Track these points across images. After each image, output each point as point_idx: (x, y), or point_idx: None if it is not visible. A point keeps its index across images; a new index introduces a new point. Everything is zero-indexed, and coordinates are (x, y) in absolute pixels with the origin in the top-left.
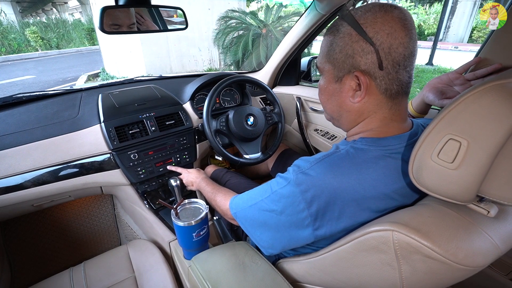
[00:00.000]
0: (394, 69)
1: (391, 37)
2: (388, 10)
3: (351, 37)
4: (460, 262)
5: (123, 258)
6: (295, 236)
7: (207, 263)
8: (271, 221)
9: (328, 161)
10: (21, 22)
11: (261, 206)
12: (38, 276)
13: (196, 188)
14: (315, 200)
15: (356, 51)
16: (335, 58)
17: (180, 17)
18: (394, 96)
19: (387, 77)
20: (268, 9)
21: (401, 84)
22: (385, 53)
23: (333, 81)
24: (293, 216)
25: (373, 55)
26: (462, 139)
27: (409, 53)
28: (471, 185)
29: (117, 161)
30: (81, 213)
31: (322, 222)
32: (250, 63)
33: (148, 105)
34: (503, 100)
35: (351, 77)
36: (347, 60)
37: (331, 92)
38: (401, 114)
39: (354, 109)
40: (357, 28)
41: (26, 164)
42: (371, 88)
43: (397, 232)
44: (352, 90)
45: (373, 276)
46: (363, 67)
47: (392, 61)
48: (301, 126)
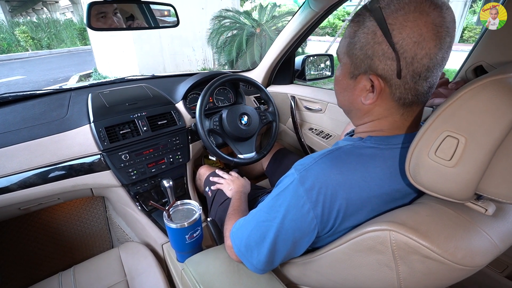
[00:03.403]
0: (413, 80)
1: (418, 47)
2: (424, 11)
3: (375, 37)
4: (459, 262)
5: (114, 261)
6: (299, 242)
7: (200, 266)
8: (271, 231)
9: (333, 156)
10: (10, 21)
11: (258, 218)
12: (26, 281)
13: (230, 196)
14: (321, 199)
15: (376, 53)
16: (354, 54)
17: (171, 15)
18: (408, 105)
19: (404, 86)
20: (262, 8)
21: (417, 95)
22: (406, 63)
23: (348, 76)
24: (297, 222)
25: (393, 62)
26: (460, 136)
27: (434, 64)
28: (469, 183)
29: (107, 162)
30: (71, 216)
31: (328, 222)
32: (244, 62)
33: (140, 105)
34: (501, 96)
35: (366, 78)
36: (365, 60)
37: (344, 87)
38: (414, 121)
39: (364, 109)
40: (383, 27)
41: (12, 166)
42: (384, 93)
43: (395, 232)
44: (365, 90)
45: (370, 277)
46: (380, 71)
47: (413, 71)
48: (295, 125)
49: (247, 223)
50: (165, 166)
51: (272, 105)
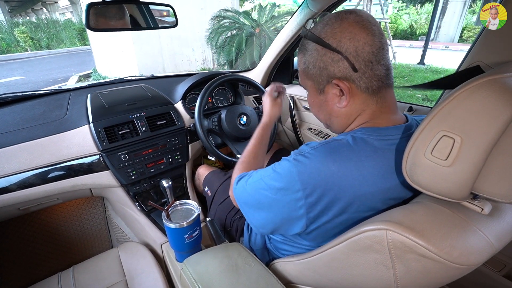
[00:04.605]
0: (368, 67)
1: (354, 41)
2: (343, 17)
3: (318, 52)
4: (455, 260)
5: (113, 261)
6: (287, 218)
7: (199, 266)
8: (266, 200)
9: (328, 146)
10: (10, 22)
11: (259, 185)
12: (25, 281)
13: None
14: (311, 183)
15: (327, 62)
16: (312, 73)
17: (170, 16)
18: (376, 91)
19: (364, 76)
20: (261, 8)
21: (380, 79)
22: (353, 56)
23: (317, 93)
24: (287, 196)
25: (344, 62)
26: (456, 135)
27: (377, 48)
28: (465, 182)
29: (106, 163)
30: (70, 216)
31: (316, 207)
32: (244, 62)
33: (139, 105)
34: (496, 95)
35: (331, 86)
36: (322, 72)
37: (318, 104)
38: (389, 105)
39: (343, 114)
40: (320, 42)
41: (11, 167)
42: (353, 90)
43: (391, 231)
44: (336, 97)
45: (367, 276)
46: (339, 74)
47: (363, 60)
48: (294, 125)
49: (249, 186)
50: (164, 166)
51: None
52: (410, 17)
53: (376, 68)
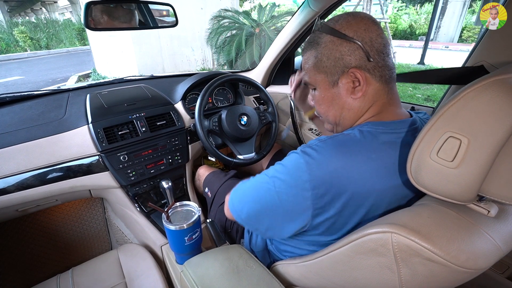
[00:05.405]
0: (381, 57)
1: (369, 31)
2: (355, 14)
3: (334, 43)
4: (462, 264)
5: (113, 263)
6: (290, 211)
7: (200, 268)
8: (267, 195)
9: (337, 139)
10: (9, 21)
11: (260, 179)
12: (23, 284)
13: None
14: (319, 175)
15: (343, 52)
16: (325, 66)
17: (170, 15)
18: (388, 81)
19: (378, 65)
20: (261, 8)
21: (390, 69)
22: (369, 46)
23: (330, 87)
24: (293, 188)
25: (360, 51)
26: (463, 136)
27: (385, 42)
28: (472, 185)
29: (106, 163)
30: (69, 218)
31: (323, 198)
32: (244, 62)
33: (138, 105)
34: (504, 96)
35: (346, 76)
36: (337, 63)
37: (330, 98)
38: (396, 98)
39: (356, 106)
40: (336, 34)
41: (9, 168)
42: (368, 79)
43: (396, 234)
44: (351, 88)
45: (372, 280)
46: (355, 63)
47: (377, 50)
48: (295, 126)
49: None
50: (164, 167)
51: (271, 106)
52: (410, 17)
53: (386, 59)
